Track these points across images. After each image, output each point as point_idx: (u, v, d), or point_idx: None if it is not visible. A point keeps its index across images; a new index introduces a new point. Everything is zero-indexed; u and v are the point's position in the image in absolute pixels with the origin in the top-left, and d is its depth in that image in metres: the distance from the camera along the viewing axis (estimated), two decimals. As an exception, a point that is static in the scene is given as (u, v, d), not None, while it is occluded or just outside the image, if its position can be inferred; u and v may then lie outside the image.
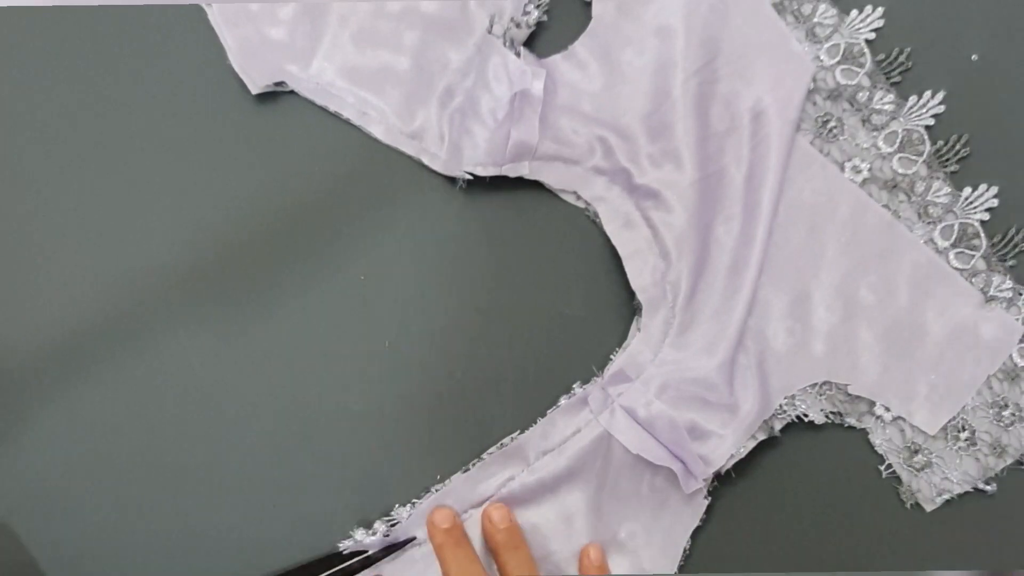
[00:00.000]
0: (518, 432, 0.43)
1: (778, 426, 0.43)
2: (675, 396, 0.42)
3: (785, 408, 0.43)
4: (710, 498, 0.43)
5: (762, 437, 0.43)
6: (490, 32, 0.44)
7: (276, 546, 0.42)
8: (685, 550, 0.42)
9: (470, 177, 0.44)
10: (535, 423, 0.43)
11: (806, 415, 0.43)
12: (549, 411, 0.43)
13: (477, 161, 0.44)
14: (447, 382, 0.44)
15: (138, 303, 0.43)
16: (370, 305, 0.44)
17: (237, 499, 0.42)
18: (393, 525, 0.42)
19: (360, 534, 0.42)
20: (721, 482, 0.42)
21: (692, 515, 0.43)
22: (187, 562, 0.42)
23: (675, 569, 0.42)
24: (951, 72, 0.45)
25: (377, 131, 0.45)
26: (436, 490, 0.43)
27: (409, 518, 0.42)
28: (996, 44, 0.45)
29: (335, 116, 0.45)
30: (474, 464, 0.43)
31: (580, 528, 0.43)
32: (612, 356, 0.44)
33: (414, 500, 0.42)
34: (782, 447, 0.43)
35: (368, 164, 0.45)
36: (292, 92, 0.45)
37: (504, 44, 0.44)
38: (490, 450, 0.43)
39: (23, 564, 0.42)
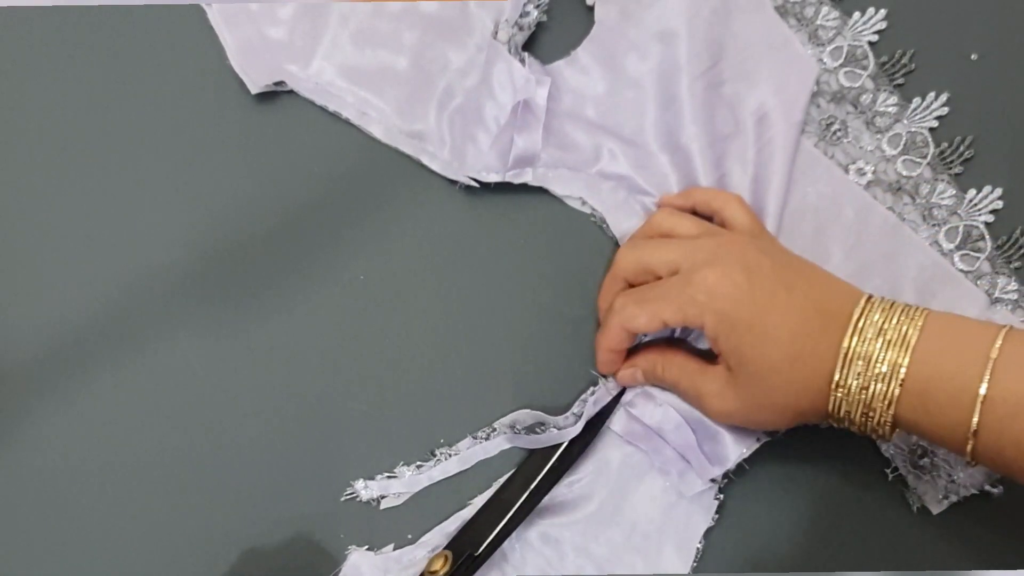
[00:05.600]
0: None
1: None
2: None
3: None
4: (722, 496, 0.42)
5: (766, 439, 0.42)
6: (495, 38, 0.44)
7: (276, 546, 0.42)
8: (698, 550, 0.42)
9: (474, 184, 0.44)
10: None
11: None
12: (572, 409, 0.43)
13: (481, 167, 0.44)
14: (447, 382, 0.43)
15: (138, 303, 0.43)
16: (370, 305, 0.44)
17: (237, 499, 0.42)
18: None
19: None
20: (732, 483, 0.42)
21: (703, 515, 0.42)
22: (185, 562, 0.42)
23: (688, 569, 0.42)
24: (954, 74, 0.45)
25: (377, 131, 0.45)
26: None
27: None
28: (998, 46, 0.46)
29: (335, 116, 0.45)
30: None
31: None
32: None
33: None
34: (789, 449, 0.42)
35: (368, 164, 0.45)
36: (292, 92, 0.45)
37: (509, 51, 0.44)
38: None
39: (23, 564, 0.42)
